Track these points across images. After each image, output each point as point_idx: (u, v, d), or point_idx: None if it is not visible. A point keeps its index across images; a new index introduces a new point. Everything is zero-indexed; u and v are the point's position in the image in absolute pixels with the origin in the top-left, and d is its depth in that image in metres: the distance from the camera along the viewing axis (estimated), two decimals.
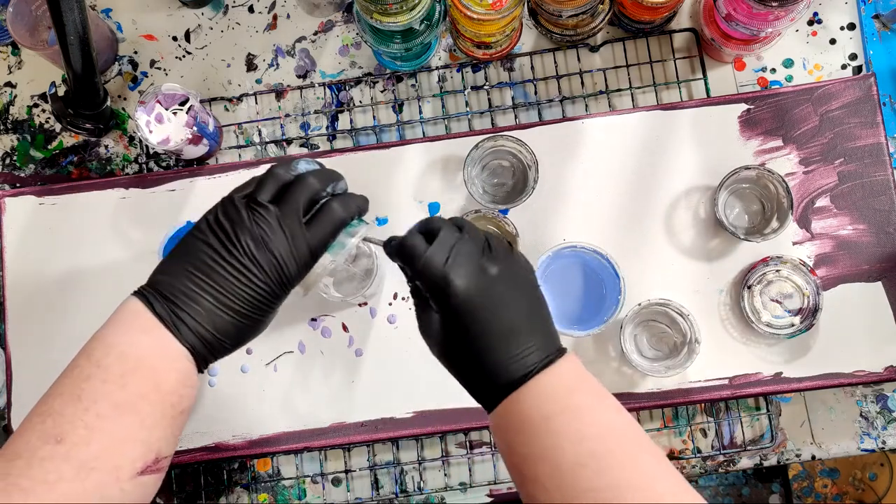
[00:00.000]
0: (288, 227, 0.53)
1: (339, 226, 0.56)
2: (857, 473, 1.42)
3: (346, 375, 0.75)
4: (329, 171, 0.59)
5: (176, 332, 0.52)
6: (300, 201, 0.54)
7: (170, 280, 0.53)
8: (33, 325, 0.77)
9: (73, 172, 0.82)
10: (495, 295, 0.52)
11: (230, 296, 0.53)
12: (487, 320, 0.51)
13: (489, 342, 0.51)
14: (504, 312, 0.51)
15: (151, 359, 0.51)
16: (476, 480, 0.77)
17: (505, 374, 0.51)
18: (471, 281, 0.51)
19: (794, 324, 0.73)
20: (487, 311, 0.51)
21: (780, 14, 0.68)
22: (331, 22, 0.83)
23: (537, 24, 0.80)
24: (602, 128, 0.76)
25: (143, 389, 0.51)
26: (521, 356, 0.51)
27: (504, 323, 0.51)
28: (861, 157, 0.75)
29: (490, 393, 0.52)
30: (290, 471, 0.78)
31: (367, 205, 0.60)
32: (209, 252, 0.53)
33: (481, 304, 0.51)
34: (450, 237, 0.53)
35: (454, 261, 0.52)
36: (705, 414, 0.77)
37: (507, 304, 0.52)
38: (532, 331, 0.52)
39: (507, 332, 0.51)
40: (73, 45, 0.69)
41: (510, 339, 0.51)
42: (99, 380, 0.50)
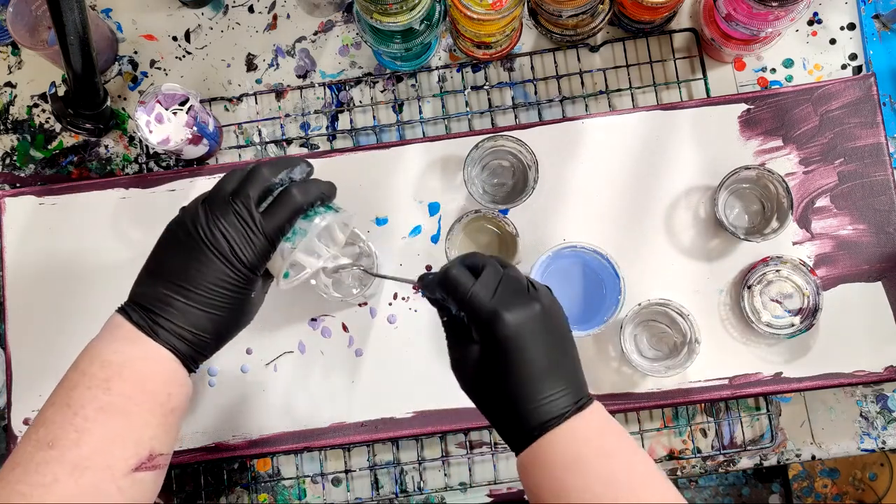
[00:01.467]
0: (240, 215, 0.56)
1: (295, 212, 0.58)
2: (857, 473, 1.42)
3: (346, 375, 0.75)
4: (288, 159, 0.61)
5: (154, 336, 0.55)
6: (250, 190, 0.56)
7: (143, 290, 0.57)
8: (33, 325, 0.77)
9: (73, 172, 0.82)
10: (540, 332, 0.52)
11: (197, 291, 0.56)
12: (530, 357, 0.52)
13: (526, 379, 0.52)
14: (545, 351, 0.52)
15: (135, 363, 0.54)
16: (476, 480, 0.77)
17: (537, 414, 0.51)
18: (520, 315, 0.52)
19: (794, 324, 0.73)
20: (531, 347, 0.52)
21: (780, 14, 0.68)
22: (331, 22, 0.83)
23: (537, 24, 0.80)
24: (602, 128, 0.76)
25: (129, 391, 0.53)
26: (553, 398, 0.52)
27: (543, 361, 0.52)
28: (861, 157, 0.75)
29: (519, 433, 0.52)
30: (290, 471, 0.78)
31: (333, 191, 0.62)
32: (172, 254, 0.57)
33: (527, 340, 0.52)
34: (495, 272, 0.54)
35: (502, 294, 0.53)
36: (705, 414, 0.77)
37: (549, 344, 0.52)
38: (566, 374, 0.53)
39: (544, 372, 0.52)
40: (73, 45, 0.69)
41: (546, 379, 0.52)
42: (84, 386, 0.53)
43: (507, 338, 0.52)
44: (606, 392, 0.74)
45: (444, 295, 0.55)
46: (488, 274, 0.54)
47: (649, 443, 0.77)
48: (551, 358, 0.52)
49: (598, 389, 0.74)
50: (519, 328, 0.52)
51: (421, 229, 0.77)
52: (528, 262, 0.75)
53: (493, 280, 0.53)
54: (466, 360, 0.54)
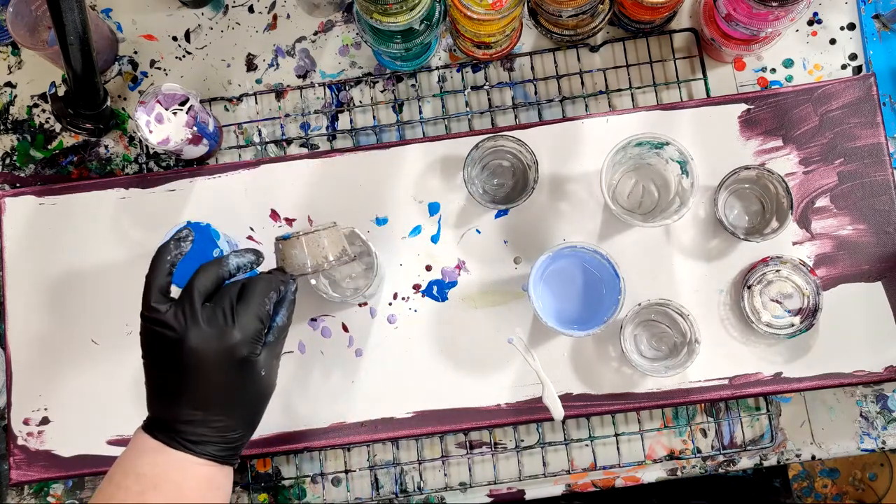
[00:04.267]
0: (215, 316, 0.57)
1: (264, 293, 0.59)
2: (857, 473, 1.43)
3: (346, 375, 0.75)
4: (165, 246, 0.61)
5: (187, 450, 0.56)
6: (193, 291, 0.57)
7: (160, 414, 0.57)
8: (33, 325, 0.77)
9: (73, 172, 0.82)
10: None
11: (214, 401, 0.56)
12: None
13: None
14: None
15: (170, 474, 0.55)
16: (476, 480, 0.77)
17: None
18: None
19: (794, 324, 0.73)
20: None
21: (780, 14, 0.68)
22: (331, 22, 0.83)
23: (537, 24, 0.80)
24: (602, 128, 0.76)
25: (165, 502, 0.53)
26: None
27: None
28: (861, 157, 0.75)
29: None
30: (290, 471, 0.78)
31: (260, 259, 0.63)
32: (173, 372, 0.56)
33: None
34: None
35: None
36: (705, 414, 0.77)
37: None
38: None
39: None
40: (73, 45, 0.69)
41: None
42: (120, 500, 0.53)
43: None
44: (606, 392, 0.74)
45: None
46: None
47: (649, 443, 0.77)
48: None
49: (598, 389, 0.74)
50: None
51: (421, 229, 0.77)
52: (529, 262, 0.76)
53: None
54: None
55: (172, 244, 0.60)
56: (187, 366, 0.56)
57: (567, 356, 0.74)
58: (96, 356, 0.76)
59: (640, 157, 0.74)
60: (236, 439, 0.58)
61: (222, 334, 0.56)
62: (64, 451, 0.75)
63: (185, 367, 0.56)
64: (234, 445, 0.58)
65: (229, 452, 0.58)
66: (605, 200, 0.70)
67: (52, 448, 0.75)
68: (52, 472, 0.75)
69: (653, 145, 0.71)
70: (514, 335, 0.73)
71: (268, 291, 0.59)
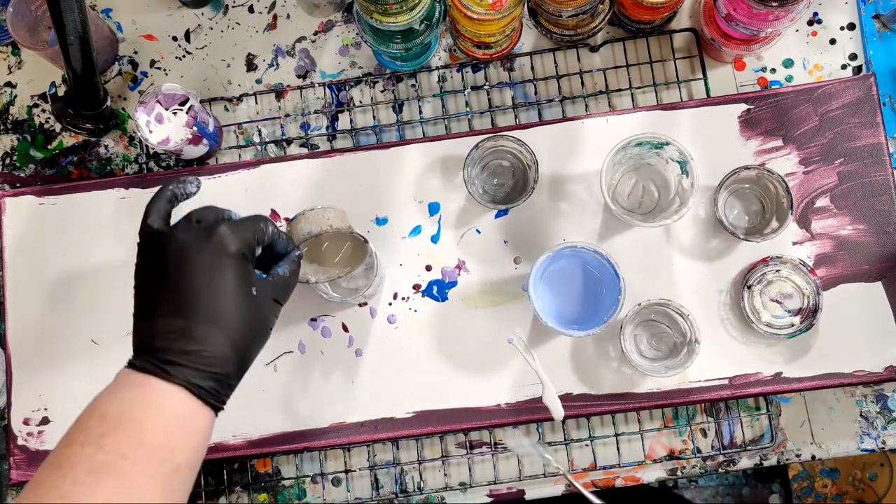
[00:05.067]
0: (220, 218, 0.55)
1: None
2: (857, 473, 1.42)
3: (346, 375, 0.75)
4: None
5: (166, 376, 0.49)
6: (192, 213, 0.55)
7: (142, 333, 0.52)
8: (33, 325, 0.77)
9: (73, 172, 0.82)
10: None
11: (207, 307, 0.51)
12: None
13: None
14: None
15: (134, 413, 0.48)
16: (476, 480, 0.77)
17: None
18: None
19: (794, 324, 0.73)
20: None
21: (780, 14, 0.68)
22: (331, 22, 0.83)
23: (537, 24, 0.80)
24: (602, 128, 0.76)
25: (125, 448, 0.46)
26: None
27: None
28: (861, 157, 0.75)
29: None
30: (290, 471, 0.78)
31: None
32: (164, 280, 0.52)
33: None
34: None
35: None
36: (705, 414, 0.77)
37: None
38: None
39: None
40: (73, 45, 0.69)
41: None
42: (79, 443, 0.47)
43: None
44: (606, 392, 0.74)
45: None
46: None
47: (649, 443, 0.77)
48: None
49: (598, 389, 0.74)
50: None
51: (421, 229, 0.77)
52: (529, 262, 0.75)
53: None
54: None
55: (178, 179, 0.58)
56: (170, 265, 0.51)
57: (567, 356, 0.74)
58: (96, 356, 0.76)
59: (640, 157, 0.74)
60: (219, 364, 0.51)
61: (212, 228, 0.53)
62: None
63: (167, 267, 0.51)
64: (216, 374, 0.51)
65: (210, 384, 0.50)
66: (605, 200, 0.70)
67: (52, 448, 0.75)
68: None
69: (653, 145, 0.71)
70: (514, 335, 0.73)
71: (263, 220, 0.56)
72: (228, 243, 0.53)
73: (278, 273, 0.58)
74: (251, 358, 0.55)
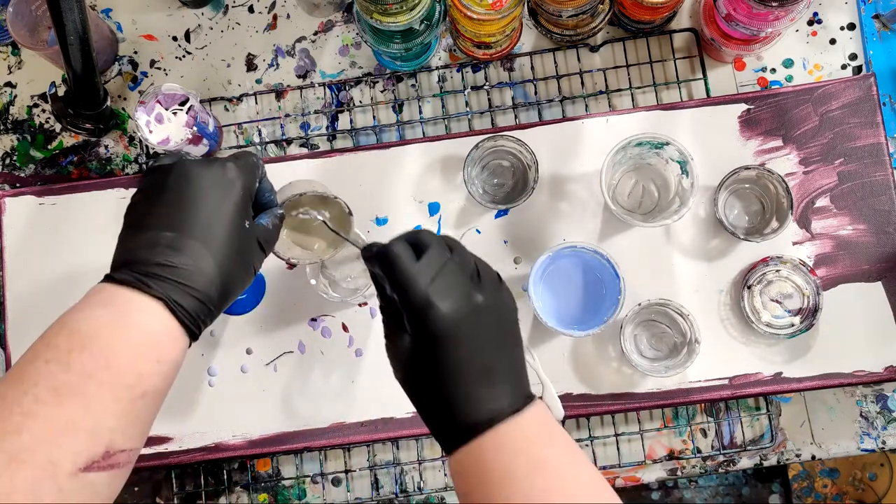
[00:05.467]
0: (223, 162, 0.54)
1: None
2: (857, 473, 1.42)
3: (346, 375, 0.75)
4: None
5: (145, 287, 0.47)
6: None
7: (126, 245, 0.49)
8: (33, 325, 0.76)
9: (73, 172, 0.82)
10: (478, 328, 0.47)
11: (197, 223, 0.49)
12: (464, 354, 0.47)
13: (460, 378, 0.47)
14: (483, 348, 0.47)
15: (104, 331, 0.45)
16: None
17: (469, 416, 0.47)
18: (456, 308, 0.47)
19: (794, 324, 0.73)
20: (466, 345, 0.47)
21: (780, 14, 0.68)
22: (331, 22, 0.83)
23: (537, 24, 0.80)
24: (602, 128, 0.76)
25: (91, 368, 0.44)
26: (489, 400, 0.47)
27: (481, 360, 0.47)
28: (861, 157, 0.75)
29: (451, 434, 0.48)
30: (290, 471, 0.78)
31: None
32: (160, 197, 0.50)
33: (461, 336, 0.47)
34: (439, 256, 0.49)
35: (440, 282, 0.47)
36: (705, 414, 0.77)
37: (488, 341, 0.48)
38: (505, 374, 0.48)
39: (481, 371, 0.47)
40: (73, 45, 0.69)
41: (482, 379, 0.47)
42: (43, 360, 0.45)
43: (439, 331, 0.47)
44: (606, 392, 0.74)
45: (382, 272, 0.49)
46: (431, 257, 0.48)
47: (649, 443, 0.77)
48: (491, 356, 0.47)
49: (598, 389, 0.74)
50: (454, 322, 0.47)
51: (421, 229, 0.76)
52: (529, 262, 0.75)
53: (436, 264, 0.48)
54: (398, 349, 0.49)
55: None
56: (173, 185, 0.50)
57: (567, 356, 0.74)
58: None
59: (640, 157, 0.74)
60: (202, 284, 0.48)
61: (218, 163, 0.53)
62: None
63: (170, 186, 0.50)
64: (198, 294, 0.48)
65: (190, 302, 0.48)
66: (605, 200, 0.70)
67: None
68: None
69: (653, 145, 0.71)
70: None
71: (252, 153, 0.56)
72: (234, 175, 0.53)
73: (262, 223, 0.56)
74: (234, 292, 0.53)
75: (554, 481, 0.45)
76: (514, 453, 0.46)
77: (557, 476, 0.46)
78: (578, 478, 0.46)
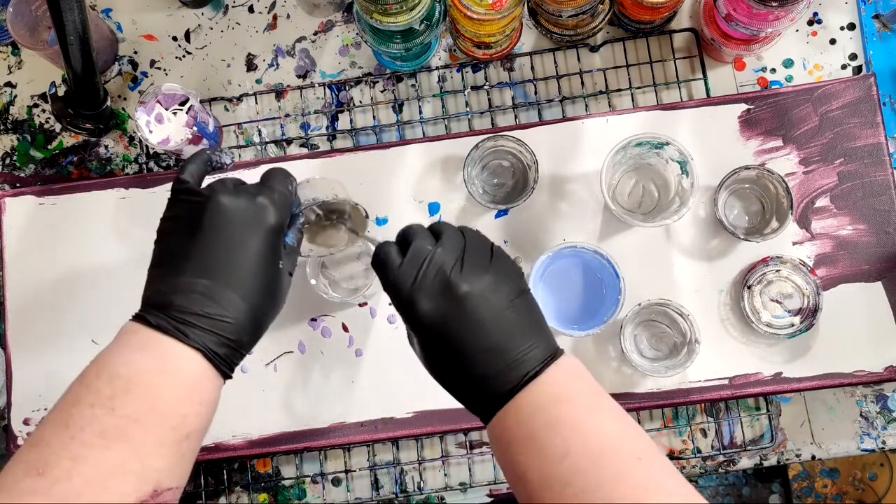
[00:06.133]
0: (248, 188, 0.54)
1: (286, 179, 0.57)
2: (857, 473, 1.42)
3: (346, 375, 0.75)
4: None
5: (182, 337, 0.48)
6: (226, 179, 0.55)
7: (158, 287, 0.50)
8: (33, 325, 0.77)
9: (73, 172, 0.82)
10: (469, 315, 0.49)
11: (227, 269, 0.50)
12: (464, 342, 0.49)
13: (469, 361, 0.49)
14: (481, 332, 0.49)
15: (146, 376, 0.47)
16: (476, 480, 0.77)
17: (491, 388, 0.49)
18: (438, 304, 0.49)
19: (794, 324, 0.73)
20: (462, 334, 0.49)
21: (780, 14, 0.68)
22: (331, 22, 0.83)
23: (537, 24, 0.80)
24: (602, 128, 0.76)
25: (136, 412, 0.46)
26: (505, 371, 0.49)
27: (482, 342, 0.49)
28: (861, 157, 0.75)
29: (483, 405, 0.50)
30: (290, 471, 0.78)
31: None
32: (187, 237, 0.51)
33: (455, 328, 0.49)
34: (422, 250, 0.50)
35: (423, 279, 0.49)
36: (705, 414, 0.77)
37: (484, 323, 0.49)
38: (517, 342, 0.49)
39: (486, 350, 0.49)
40: (73, 45, 0.69)
41: (492, 356, 0.49)
42: (87, 404, 0.46)
43: (428, 327, 0.49)
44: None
45: (377, 274, 0.52)
46: (413, 254, 0.50)
47: None
48: (493, 334, 0.49)
49: None
50: (437, 318, 0.49)
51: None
52: (529, 262, 0.75)
53: (417, 262, 0.50)
54: (412, 343, 0.53)
55: (215, 149, 0.58)
56: (206, 226, 0.50)
57: None
58: None
59: (640, 157, 0.74)
60: (237, 332, 0.50)
61: (252, 200, 0.52)
62: None
63: (203, 226, 0.50)
64: (232, 342, 0.50)
65: (225, 350, 0.49)
66: (605, 200, 0.70)
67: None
68: None
69: (653, 145, 0.71)
70: None
71: (285, 175, 0.56)
72: (269, 215, 0.53)
73: (288, 244, 0.57)
74: (264, 330, 0.54)
75: (575, 438, 0.46)
76: (534, 415, 0.47)
77: (580, 432, 0.46)
78: (603, 432, 0.47)
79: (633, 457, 0.46)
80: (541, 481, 0.46)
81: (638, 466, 0.46)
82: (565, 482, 0.45)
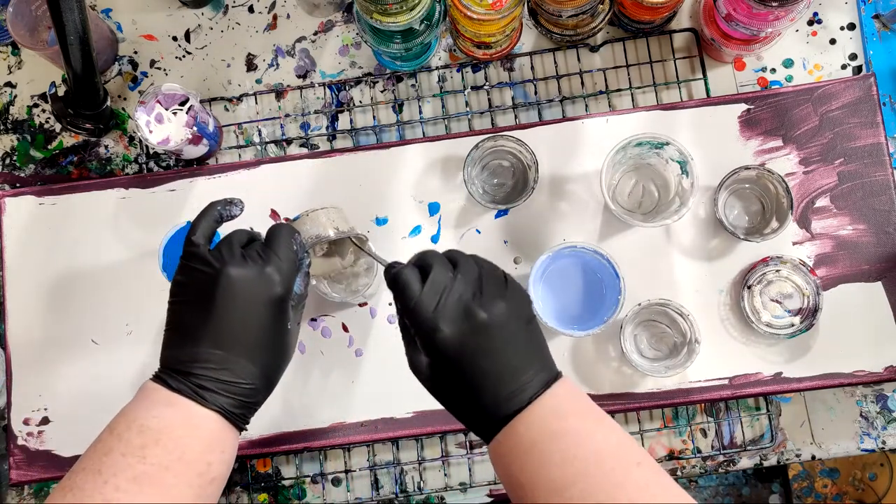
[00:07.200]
0: (251, 252, 0.56)
1: (288, 235, 0.59)
2: (857, 473, 1.42)
3: (346, 375, 0.75)
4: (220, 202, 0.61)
5: (201, 400, 0.52)
6: (231, 239, 0.57)
7: (175, 353, 0.54)
8: (33, 325, 0.77)
9: (73, 172, 0.82)
10: (487, 341, 0.51)
11: (237, 338, 0.54)
12: (478, 367, 0.51)
13: (480, 385, 0.51)
14: (495, 357, 0.51)
15: (174, 429, 0.51)
16: (476, 480, 0.77)
17: (498, 411, 0.51)
18: (459, 330, 0.51)
19: (794, 324, 0.73)
20: (478, 359, 0.51)
21: (780, 14, 0.68)
22: (331, 22, 0.83)
23: (537, 24, 0.80)
24: (602, 128, 0.76)
25: (166, 461, 0.50)
26: (515, 394, 0.51)
27: (495, 367, 0.51)
28: (861, 157, 0.75)
29: (485, 428, 0.52)
30: (290, 471, 0.78)
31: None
32: (198, 307, 0.54)
33: (471, 353, 0.51)
34: (442, 278, 0.53)
35: (444, 306, 0.52)
36: (705, 414, 0.77)
37: (500, 349, 0.51)
38: (526, 367, 0.52)
39: (498, 375, 0.51)
40: (73, 45, 0.69)
41: (502, 381, 0.51)
42: (119, 453, 0.50)
43: (449, 353, 0.51)
44: (606, 392, 0.74)
45: (395, 297, 0.55)
46: (433, 282, 0.52)
47: (649, 443, 0.77)
48: (506, 360, 0.51)
49: (598, 389, 0.74)
50: (459, 344, 0.51)
51: (421, 229, 0.77)
52: (529, 262, 0.76)
53: (438, 288, 0.52)
54: (420, 366, 0.54)
55: (225, 200, 0.60)
56: (219, 299, 0.53)
57: (567, 356, 0.74)
58: (96, 356, 0.76)
59: (640, 157, 0.74)
60: (251, 394, 0.54)
61: (261, 271, 0.55)
62: (64, 451, 0.75)
63: (216, 300, 0.54)
64: (248, 402, 0.54)
65: (241, 410, 0.54)
66: (605, 200, 0.70)
67: (52, 448, 0.75)
68: (52, 472, 0.75)
69: (653, 145, 0.71)
70: None
71: (291, 234, 0.58)
72: (275, 286, 0.55)
73: (297, 293, 0.60)
74: (276, 383, 0.58)
75: (578, 446, 0.49)
76: (538, 426, 0.50)
77: (582, 441, 0.49)
78: (604, 442, 0.49)
79: (633, 462, 0.49)
80: (544, 486, 0.48)
81: (639, 471, 0.48)
82: (569, 483, 0.47)
